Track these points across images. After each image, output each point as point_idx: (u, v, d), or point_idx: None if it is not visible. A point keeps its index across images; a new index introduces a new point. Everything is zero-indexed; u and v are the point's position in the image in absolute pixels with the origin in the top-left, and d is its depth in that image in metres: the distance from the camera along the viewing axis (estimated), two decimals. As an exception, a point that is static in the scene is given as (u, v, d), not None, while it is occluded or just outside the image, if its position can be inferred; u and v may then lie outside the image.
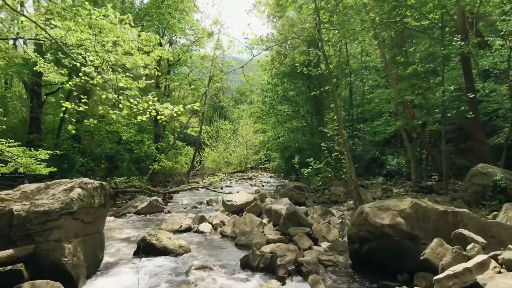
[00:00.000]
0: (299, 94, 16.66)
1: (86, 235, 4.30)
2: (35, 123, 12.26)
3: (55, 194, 4.20)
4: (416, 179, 9.77)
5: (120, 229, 6.84)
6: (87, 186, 4.32)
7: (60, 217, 3.80)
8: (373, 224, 3.69)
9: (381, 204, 3.88)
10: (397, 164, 12.30)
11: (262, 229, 6.33)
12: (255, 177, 22.80)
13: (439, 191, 9.32)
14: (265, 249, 4.78)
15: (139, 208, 8.49)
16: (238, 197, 8.39)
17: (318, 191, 10.77)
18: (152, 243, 5.08)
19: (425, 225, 3.54)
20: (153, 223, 7.55)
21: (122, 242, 5.77)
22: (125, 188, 12.00)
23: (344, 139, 5.78)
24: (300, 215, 6.04)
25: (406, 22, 8.45)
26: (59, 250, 3.70)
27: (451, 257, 3.09)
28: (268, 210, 6.88)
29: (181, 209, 9.98)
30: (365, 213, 3.83)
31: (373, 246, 3.74)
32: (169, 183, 18.62)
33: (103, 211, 4.69)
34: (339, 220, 6.20)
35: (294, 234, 5.66)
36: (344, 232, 5.64)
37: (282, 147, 17.06)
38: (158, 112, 4.34)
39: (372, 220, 3.71)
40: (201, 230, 6.62)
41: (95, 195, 4.41)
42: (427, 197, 7.93)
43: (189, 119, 23.75)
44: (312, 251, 4.66)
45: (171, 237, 5.29)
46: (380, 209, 3.76)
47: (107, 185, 4.72)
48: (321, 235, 5.58)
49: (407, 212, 3.61)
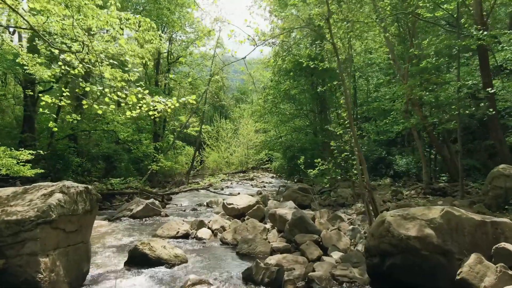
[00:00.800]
0: (302, 92, 16.14)
1: (69, 246, 3.81)
2: (28, 122, 11.79)
3: (33, 200, 3.70)
4: (428, 180, 9.24)
5: (113, 235, 6.35)
6: (70, 191, 3.82)
7: (35, 227, 3.31)
8: (396, 236, 3.18)
9: (406, 212, 3.36)
10: (406, 165, 11.76)
11: (265, 235, 5.83)
12: (257, 177, 22.32)
13: (452, 193, 8.78)
14: (270, 261, 4.28)
15: (134, 212, 8.00)
16: (240, 200, 7.88)
17: (324, 193, 10.26)
18: (145, 253, 4.58)
19: (460, 238, 3.03)
20: (149, 228, 7.06)
21: (113, 251, 5.28)
22: (121, 189, 11.51)
23: (356, 138, 5.27)
24: (307, 221, 5.54)
25: (418, 13, 7.94)
26: (34, 265, 3.21)
27: (495, 278, 2.58)
28: (272, 215, 6.38)
29: (179, 212, 9.50)
30: (387, 222, 3.31)
31: (397, 261, 3.23)
32: (169, 184, 18.14)
33: (89, 218, 4.18)
34: (350, 226, 5.69)
35: (301, 242, 5.15)
36: (356, 240, 5.13)
37: (284, 147, 16.56)
38: (150, 107, 3.84)
39: (395, 231, 3.20)
40: (200, 236, 6.13)
41: (79, 201, 3.91)
42: (442, 200, 7.41)
43: (189, 118, 23.27)
44: (323, 263, 4.15)
45: (165, 246, 4.79)
46: (405, 218, 3.25)
47: (93, 189, 4.22)
48: (331, 243, 5.07)
49: (438, 222, 3.10)
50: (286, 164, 16.71)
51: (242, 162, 26.06)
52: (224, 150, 25.76)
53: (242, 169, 25.62)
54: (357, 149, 5.11)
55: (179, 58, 20.93)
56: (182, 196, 13.27)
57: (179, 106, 18.60)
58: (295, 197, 8.92)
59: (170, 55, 21.43)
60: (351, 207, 8.41)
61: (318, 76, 15.29)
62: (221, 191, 14.58)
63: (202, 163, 25.89)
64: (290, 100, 16.15)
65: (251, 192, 13.94)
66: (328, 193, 10.18)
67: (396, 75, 12.72)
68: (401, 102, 10.26)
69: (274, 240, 5.66)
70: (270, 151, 22.36)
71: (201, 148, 25.24)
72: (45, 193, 3.73)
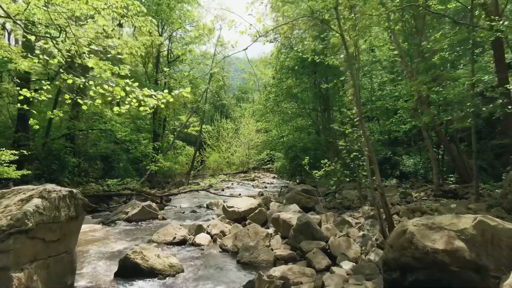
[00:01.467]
0: (305, 90, 15.71)
1: (49, 257, 3.41)
2: (22, 121, 11.40)
3: (9, 205, 3.30)
4: (438, 182, 8.79)
5: (105, 240, 5.96)
6: (51, 196, 3.42)
7: (7, 237, 2.91)
8: (421, 249, 2.76)
9: (431, 221, 2.94)
10: (413, 165, 11.31)
11: (268, 242, 5.42)
12: (258, 178, 21.94)
13: (464, 195, 8.35)
14: (274, 273, 3.87)
15: (130, 215, 7.60)
16: (241, 203, 7.47)
17: (328, 194, 9.82)
18: (137, 262, 4.18)
19: (496, 252, 2.62)
20: (144, 233, 6.66)
21: (104, 259, 4.88)
22: (118, 190, 11.11)
23: (367, 136, 4.85)
24: (314, 227, 5.12)
25: (429, 5, 7.49)
26: (5, 282, 2.81)
27: (544, 302, 2.14)
28: (276, 220, 5.97)
29: (178, 214, 9.11)
30: (409, 233, 2.90)
31: (421, 277, 2.82)
32: (168, 185, 17.75)
33: (74, 225, 3.79)
34: (360, 232, 5.27)
35: (308, 250, 4.74)
36: (367, 248, 4.71)
37: (286, 147, 16.13)
38: (140, 103, 3.44)
39: (419, 243, 2.79)
40: (198, 242, 5.72)
41: (61, 206, 3.51)
42: (455, 203, 6.96)
43: (189, 118, 22.88)
44: (333, 275, 3.74)
45: (159, 255, 4.39)
46: (430, 228, 2.84)
47: (78, 193, 3.81)
48: (339, 251, 4.65)
49: (470, 234, 2.68)
50: (288, 165, 16.27)
51: (243, 162, 25.67)
52: (225, 150, 25.38)
53: (243, 170, 25.23)
54: (369, 149, 4.69)
55: (179, 56, 20.57)
56: (181, 197, 12.88)
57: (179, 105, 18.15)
58: (298, 199, 8.49)
59: (170, 54, 21.08)
60: (358, 210, 7.98)
61: (321, 74, 14.87)
62: (222, 192, 14.18)
63: (202, 163, 25.51)
64: (292, 99, 15.72)
65: (252, 193, 13.54)
66: (333, 195, 9.75)
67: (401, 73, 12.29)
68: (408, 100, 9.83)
69: (277, 247, 5.25)
70: (271, 151, 21.94)
71: (201, 148, 24.86)
72: (22, 198, 3.34)
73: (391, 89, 12.76)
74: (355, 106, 5.08)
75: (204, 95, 23.21)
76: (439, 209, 6.55)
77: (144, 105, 3.44)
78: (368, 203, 8.41)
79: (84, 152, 14.86)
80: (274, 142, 18.32)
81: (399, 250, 2.97)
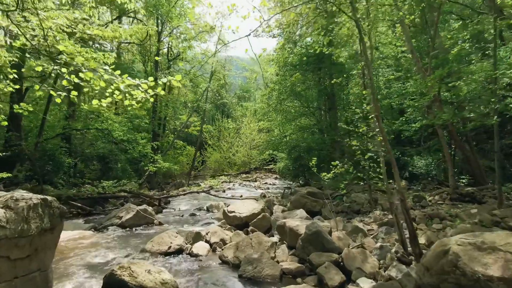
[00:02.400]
0: (309, 88, 15.14)
1: (16, 278, 2.88)
2: (14, 120, 10.91)
3: (-33, 217, 2.79)
4: (455, 184, 8.21)
5: (94, 249, 5.43)
6: (18, 205, 2.89)
7: (-42, 259, 2.39)
8: (469, 275, 2.21)
9: (480, 239, 2.39)
10: (425, 166, 10.72)
11: (273, 253, 4.87)
12: (260, 178, 21.41)
13: (482, 199, 7.76)
14: (282, 294, 3.32)
15: (124, 220, 7.07)
16: (242, 207, 6.93)
17: (335, 198, 9.25)
18: (123, 280, 3.64)
19: None
20: (138, 240, 6.14)
21: (89, 272, 4.35)
22: (113, 192, 10.60)
23: (385, 135, 4.29)
24: (324, 237, 4.57)
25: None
26: (-48, 314, 2.29)
27: None
28: (281, 227, 5.42)
29: (176, 218, 8.58)
30: (453, 254, 2.35)
31: (467, 309, 2.27)
32: (168, 185, 17.24)
33: (50, 238, 3.26)
34: (376, 243, 4.71)
35: (318, 264, 4.20)
36: (386, 262, 4.15)
37: (289, 147, 15.56)
38: (126, 95, 2.91)
39: (467, 267, 2.24)
40: (196, 252, 5.19)
41: (31, 217, 2.98)
42: (476, 209, 6.38)
43: (190, 117, 22.38)
44: (351, 298, 3.18)
45: (150, 270, 3.85)
46: (480, 249, 2.29)
47: (54, 201, 3.29)
48: (354, 265, 4.10)
49: (533, 257, 2.14)
50: (291, 165, 15.70)
51: (244, 162, 25.11)
52: (226, 150, 24.84)
53: (244, 170, 24.70)
54: (388, 149, 4.13)
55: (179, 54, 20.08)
56: (180, 199, 12.35)
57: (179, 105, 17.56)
58: (303, 203, 7.95)
59: (170, 52, 20.59)
60: (368, 214, 7.42)
61: (325, 71, 14.31)
62: (223, 193, 13.66)
63: (203, 164, 24.99)
64: (296, 97, 15.15)
65: (254, 194, 13.02)
66: (340, 198, 9.18)
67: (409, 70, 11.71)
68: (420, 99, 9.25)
69: (283, 258, 4.71)
70: (274, 152, 21.37)
71: (202, 148, 24.34)
72: (-16, 208, 2.82)
73: (399, 87, 12.18)
74: (371, 102, 4.52)
75: (205, 94, 22.71)
76: (459, 215, 5.98)
77: (130, 98, 2.91)
78: (379, 207, 7.85)
79: (80, 152, 14.38)
80: (276, 142, 17.78)
81: (438, 275, 2.42)
